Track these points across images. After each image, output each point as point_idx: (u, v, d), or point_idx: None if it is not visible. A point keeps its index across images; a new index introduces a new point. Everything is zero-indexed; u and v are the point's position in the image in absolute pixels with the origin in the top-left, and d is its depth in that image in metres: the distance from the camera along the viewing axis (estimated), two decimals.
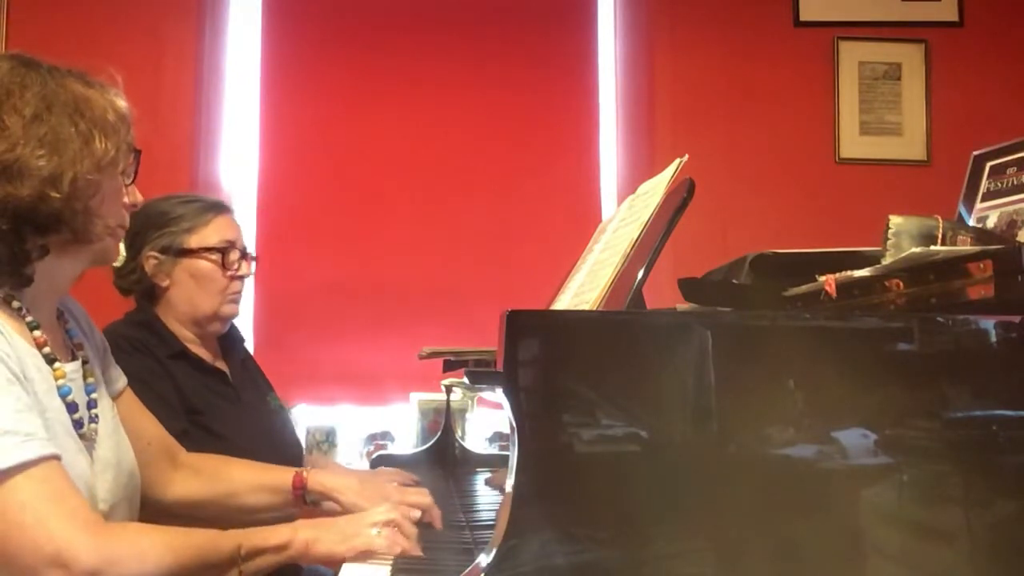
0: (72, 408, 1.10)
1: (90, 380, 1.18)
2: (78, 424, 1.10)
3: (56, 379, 1.09)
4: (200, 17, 2.80)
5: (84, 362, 1.19)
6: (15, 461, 0.93)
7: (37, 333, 1.09)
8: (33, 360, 1.06)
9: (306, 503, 1.42)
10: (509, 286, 2.85)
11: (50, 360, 1.10)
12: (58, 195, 1.05)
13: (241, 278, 1.78)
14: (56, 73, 1.11)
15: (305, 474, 1.39)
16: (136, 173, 1.19)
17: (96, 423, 1.15)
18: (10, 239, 1.05)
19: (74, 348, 1.20)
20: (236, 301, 1.80)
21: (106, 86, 1.16)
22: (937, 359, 0.84)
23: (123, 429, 1.24)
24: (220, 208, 1.78)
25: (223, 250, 1.74)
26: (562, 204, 2.96)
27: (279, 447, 1.70)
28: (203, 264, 1.72)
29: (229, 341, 1.87)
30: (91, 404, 1.16)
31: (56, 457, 0.97)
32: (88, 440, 1.12)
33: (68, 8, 2.65)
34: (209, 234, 1.73)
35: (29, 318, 1.09)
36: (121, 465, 1.19)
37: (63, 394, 1.09)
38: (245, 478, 1.43)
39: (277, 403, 1.94)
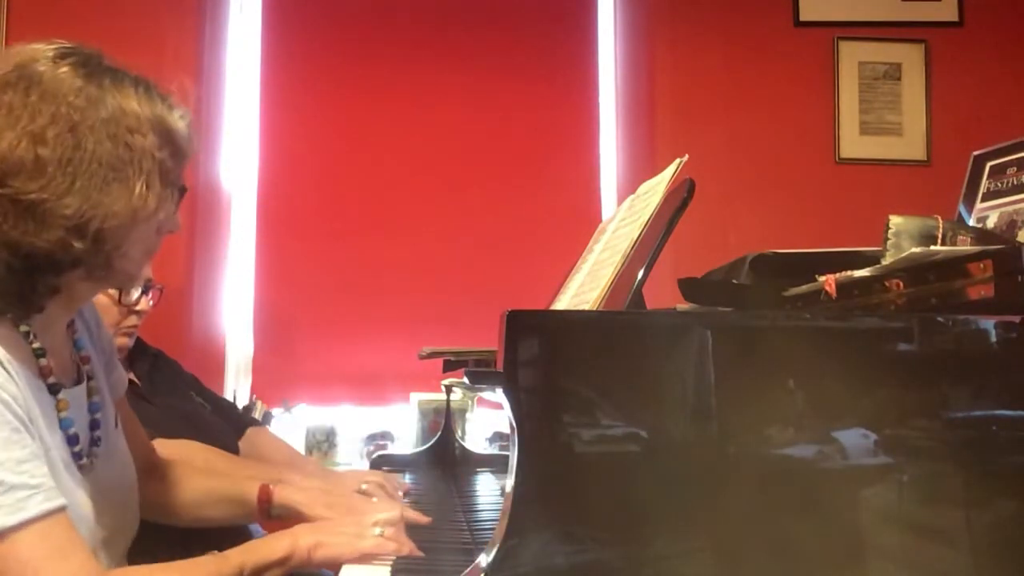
0: (73, 440, 1.06)
1: (94, 399, 1.14)
2: (78, 456, 1.07)
3: (59, 411, 1.05)
4: (200, 17, 2.80)
5: (89, 379, 1.15)
6: (18, 519, 0.90)
7: (43, 361, 1.04)
8: (37, 393, 1.02)
9: (271, 517, 1.38)
10: (509, 286, 2.85)
11: (54, 390, 1.05)
12: (81, 245, 0.98)
13: (138, 313, 1.77)
14: (117, 88, 1.01)
15: (272, 487, 1.35)
16: (178, 208, 1.10)
17: (98, 446, 1.11)
18: (20, 276, 0.98)
19: (80, 362, 1.15)
20: (130, 335, 1.78)
21: (173, 106, 1.07)
22: (937, 359, 0.85)
23: (124, 436, 1.22)
24: None
25: None
26: (562, 204, 2.96)
27: (206, 441, 1.67)
28: (98, 297, 1.71)
29: (134, 353, 1.86)
30: (94, 424, 1.12)
31: (61, 508, 0.94)
32: (88, 470, 1.08)
33: (68, 8, 2.65)
34: None
35: (36, 344, 1.04)
36: (122, 481, 1.17)
37: (64, 427, 1.05)
38: (208, 488, 1.38)
39: (200, 400, 1.94)
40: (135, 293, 1.76)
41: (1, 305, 0.99)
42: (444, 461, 1.96)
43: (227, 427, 1.91)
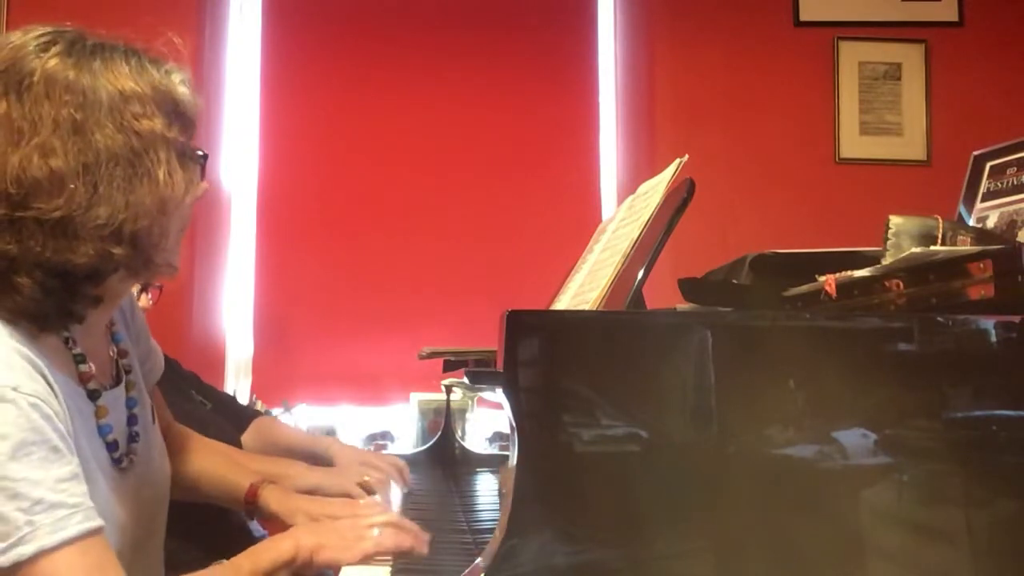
0: (112, 447, 1.04)
1: (132, 394, 1.12)
2: (117, 461, 1.05)
3: (98, 418, 1.03)
4: (200, 17, 2.80)
5: (127, 373, 1.13)
6: (57, 540, 0.88)
7: (83, 367, 1.02)
8: (77, 401, 1.00)
9: (253, 517, 1.39)
10: (509, 286, 2.85)
11: (94, 396, 1.03)
12: (120, 251, 0.94)
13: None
14: (109, 70, 0.96)
15: (260, 490, 1.34)
16: (203, 176, 1.06)
17: (136, 442, 1.10)
18: (59, 294, 0.95)
19: (119, 356, 1.13)
20: None
21: (170, 71, 1.02)
22: (937, 359, 0.84)
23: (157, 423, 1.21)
24: None
25: None
26: (562, 204, 2.96)
27: (206, 435, 1.68)
28: None
29: None
30: (132, 420, 1.11)
31: (99, 530, 0.93)
32: (127, 471, 1.07)
33: (67, 8, 2.65)
34: None
35: (76, 350, 1.01)
36: (158, 476, 1.16)
37: (103, 434, 1.03)
38: (209, 467, 1.39)
39: (200, 399, 1.94)
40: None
41: (42, 324, 0.95)
42: (444, 461, 1.95)
43: (228, 424, 1.91)
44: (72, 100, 0.93)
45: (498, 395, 0.81)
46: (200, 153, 1.06)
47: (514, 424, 0.80)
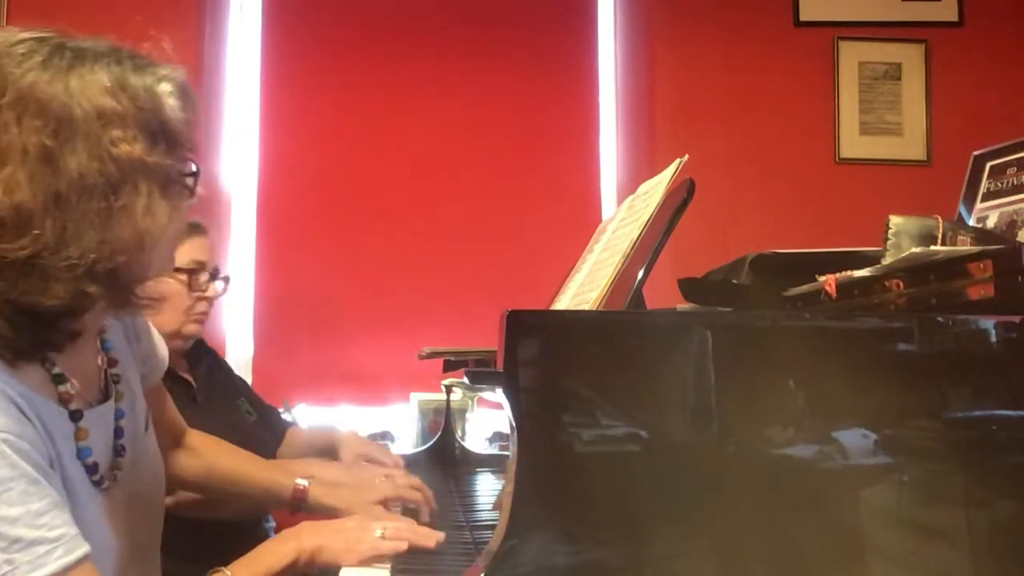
0: (92, 470, 1.00)
1: (121, 405, 1.08)
2: (98, 482, 1.02)
3: (78, 440, 0.99)
4: (200, 17, 2.80)
5: (116, 382, 1.09)
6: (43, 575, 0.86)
7: (63, 388, 0.98)
8: (58, 422, 0.96)
9: (299, 511, 1.40)
10: (509, 286, 2.85)
11: (75, 417, 0.98)
12: (96, 289, 0.90)
13: (208, 299, 1.80)
14: (88, 84, 0.90)
15: (305, 485, 1.37)
16: (193, 192, 0.99)
17: (122, 456, 1.07)
18: (32, 330, 0.90)
19: (108, 365, 1.09)
20: (200, 321, 1.81)
21: (161, 77, 0.95)
22: (937, 359, 0.84)
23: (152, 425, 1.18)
24: (194, 229, 1.79)
25: (191, 271, 1.75)
26: (562, 204, 2.96)
27: (248, 448, 1.69)
28: (169, 283, 1.72)
29: (195, 354, 1.90)
30: (118, 433, 1.07)
31: (83, 558, 0.90)
32: (111, 487, 1.04)
33: (67, 8, 2.65)
34: (180, 254, 1.71)
35: (56, 370, 0.97)
36: (149, 485, 1.14)
37: (83, 457, 0.99)
38: (244, 469, 1.40)
39: (247, 408, 1.95)
40: (203, 277, 1.76)
41: (16, 355, 0.91)
42: (444, 461, 1.96)
43: (269, 438, 1.92)
44: (43, 126, 0.86)
45: (498, 395, 0.81)
46: (188, 172, 0.99)
47: (514, 424, 0.80)
